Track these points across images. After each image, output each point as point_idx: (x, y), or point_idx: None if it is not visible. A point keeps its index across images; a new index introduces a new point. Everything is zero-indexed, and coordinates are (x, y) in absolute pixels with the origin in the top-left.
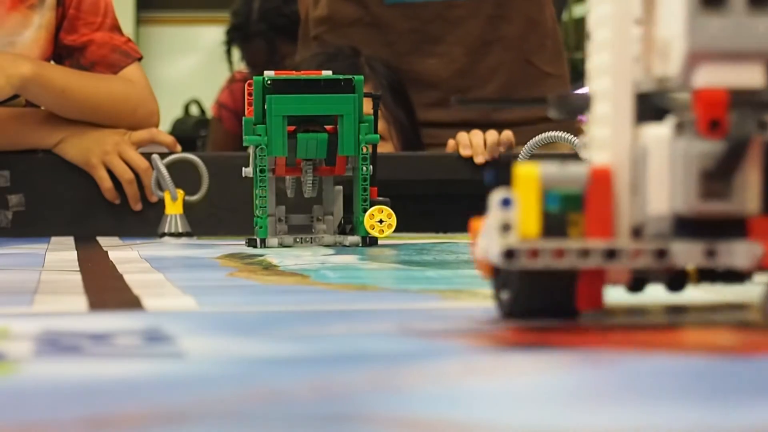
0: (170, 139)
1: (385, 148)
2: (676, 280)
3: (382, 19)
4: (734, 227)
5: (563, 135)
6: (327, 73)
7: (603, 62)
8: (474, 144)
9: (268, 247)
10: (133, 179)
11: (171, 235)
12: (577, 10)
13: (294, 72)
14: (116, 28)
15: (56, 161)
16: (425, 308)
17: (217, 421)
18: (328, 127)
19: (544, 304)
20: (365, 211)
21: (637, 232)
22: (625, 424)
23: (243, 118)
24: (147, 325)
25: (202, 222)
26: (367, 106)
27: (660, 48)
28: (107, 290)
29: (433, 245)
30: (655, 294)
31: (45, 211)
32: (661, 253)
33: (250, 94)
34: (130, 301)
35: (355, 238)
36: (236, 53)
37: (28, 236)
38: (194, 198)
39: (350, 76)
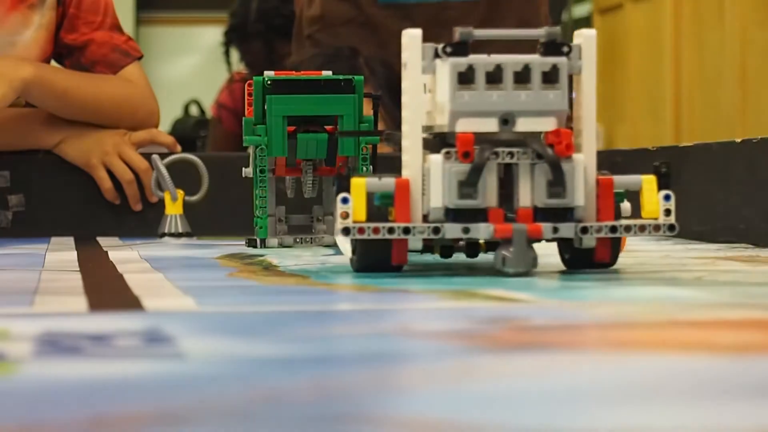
0: (170, 139)
1: (384, 148)
2: (472, 250)
3: (375, 19)
4: (479, 215)
5: None
6: (327, 73)
7: (406, 115)
8: None
9: (268, 248)
10: (133, 179)
11: (171, 235)
12: (577, 10)
13: (294, 72)
14: (116, 27)
15: (56, 161)
16: (425, 308)
17: (217, 421)
18: (328, 127)
19: (373, 261)
20: None
21: (425, 218)
22: (625, 425)
23: (243, 118)
24: (147, 326)
25: (202, 222)
26: (367, 106)
27: (438, 108)
28: (107, 290)
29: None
30: (655, 294)
31: (45, 211)
32: (437, 230)
33: (250, 95)
34: (130, 302)
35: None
36: (235, 54)
37: (28, 236)
38: (194, 198)
39: (350, 76)
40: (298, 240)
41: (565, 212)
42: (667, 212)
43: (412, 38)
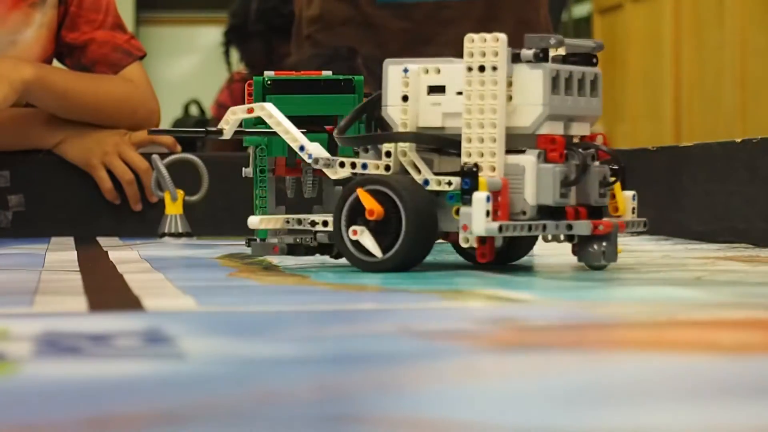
0: (170, 139)
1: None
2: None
3: (374, 19)
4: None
5: None
6: (327, 74)
7: (493, 118)
8: None
9: None
10: (133, 180)
11: (171, 235)
12: (577, 10)
13: (294, 72)
14: (118, 26)
15: (56, 161)
16: (425, 308)
17: (217, 421)
18: (328, 127)
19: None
20: None
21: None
22: (625, 425)
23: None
24: (147, 326)
25: (202, 222)
26: None
27: (517, 110)
28: (107, 290)
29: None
30: (655, 294)
31: (45, 211)
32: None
33: (250, 95)
34: (130, 302)
35: None
36: (235, 54)
37: (28, 236)
38: (194, 198)
39: (350, 77)
40: (298, 240)
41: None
42: (633, 210)
43: (500, 42)
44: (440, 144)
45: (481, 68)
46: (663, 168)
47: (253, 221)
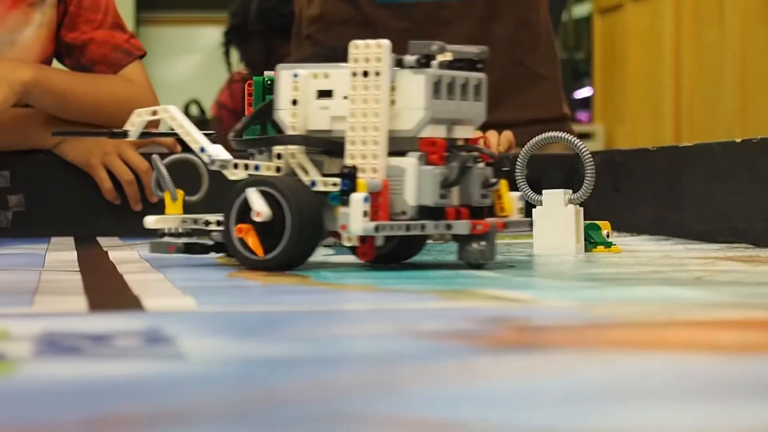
0: (170, 139)
1: None
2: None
3: (374, 19)
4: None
5: (563, 135)
6: None
7: (376, 121)
8: None
9: None
10: (133, 180)
11: (171, 235)
12: (577, 10)
13: None
14: (118, 25)
15: (56, 161)
16: (425, 308)
17: (217, 421)
18: None
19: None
20: None
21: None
22: (625, 424)
23: (243, 118)
24: (147, 326)
25: None
26: None
27: (400, 114)
28: (107, 290)
29: (433, 245)
30: (655, 294)
31: (45, 211)
32: (423, 227)
33: (250, 94)
34: (130, 302)
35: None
36: (235, 54)
37: (28, 236)
38: (194, 198)
39: None
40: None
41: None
42: (521, 210)
43: (383, 48)
44: (327, 146)
45: (365, 73)
46: (663, 168)
47: (149, 221)
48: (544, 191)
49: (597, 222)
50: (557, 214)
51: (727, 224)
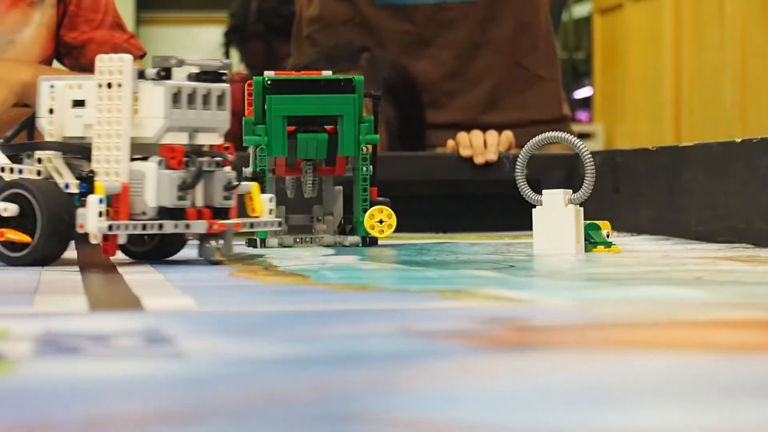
0: None
1: None
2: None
3: (373, 20)
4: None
5: (563, 135)
6: (327, 73)
7: (119, 129)
8: (474, 144)
9: (268, 248)
10: None
11: None
12: (577, 10)
13: (294, 72)
14: (118, 25)
15: None
16: (425, 308)
17: (217, 421)
18: (328, 127)
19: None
20: (365, 211)
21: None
22: (624, 425)
23: (243, 118)
24: (147, 326)
25: None
26: (367, 106)
27: (142, 122)
28: (107, 290)
29: (433, 245)
30: (655, 294)
31: None
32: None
33: (250, 95)
34: (130, 301)
35: (355, 239)
36: (235, 54)
37: None
38: None
39: (350, 77)
40: (298, 240)
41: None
42: (270, 211)
43: (125, 62)
44: (81, 152)
45: (109, 85)
46: (663, 168)
47: None
48: (544, 191)
49: (597, 222)
50: (557, 214)
51: (727, 224)
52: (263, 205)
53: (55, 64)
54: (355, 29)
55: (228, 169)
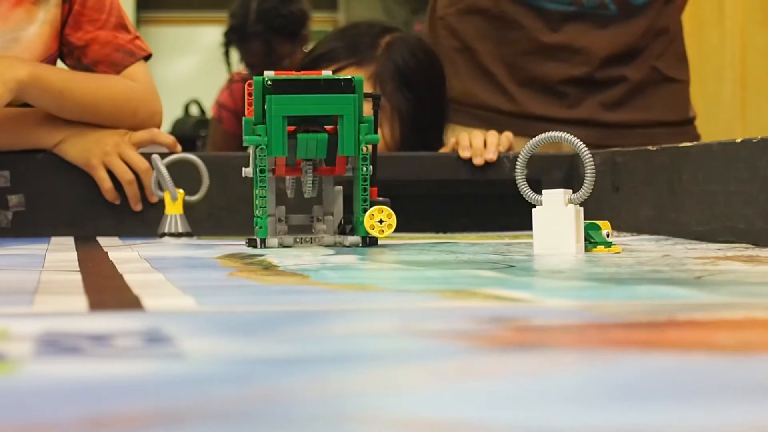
0: (170, 139)
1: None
2: None
3: (508, 15)
4: None
5: (563, 135)
6: (327, 73)
7: None
8: (474, 146)
9: (268, 247)
10: (133, 180)
11: (171, 235)
12: None
13: (294, 72)
14: (122, 26)
15: (56, 161)
16: (425, 308)
17: (217, 421)
18: (328, 127)
19: None
20: (365, 211)
21: None
22: (625, 425)
23: (243, 118)
24: (147, 326)
25: (202, 222)
26: (367, 106)
27: None
28: (107, 290)
29: (433, 245)
30: (655, 294)
31: (45, 211)
32: None
33: (250, 95)
34: (130, 301)
35: (355, 238)
36: (235, 54)
37: (28, 236)
38: (194, 198)
39: (350, 77)
40: (298, 240)
41: None
42: None
43: None
44: None
45: None
46: (663, 168)
47: None
48: (544, 191)
49: (597, 222)
50: (557, 214)
51: (727, 224)
52: None
53: (59, 63)
54: (483, 20)
55: None
